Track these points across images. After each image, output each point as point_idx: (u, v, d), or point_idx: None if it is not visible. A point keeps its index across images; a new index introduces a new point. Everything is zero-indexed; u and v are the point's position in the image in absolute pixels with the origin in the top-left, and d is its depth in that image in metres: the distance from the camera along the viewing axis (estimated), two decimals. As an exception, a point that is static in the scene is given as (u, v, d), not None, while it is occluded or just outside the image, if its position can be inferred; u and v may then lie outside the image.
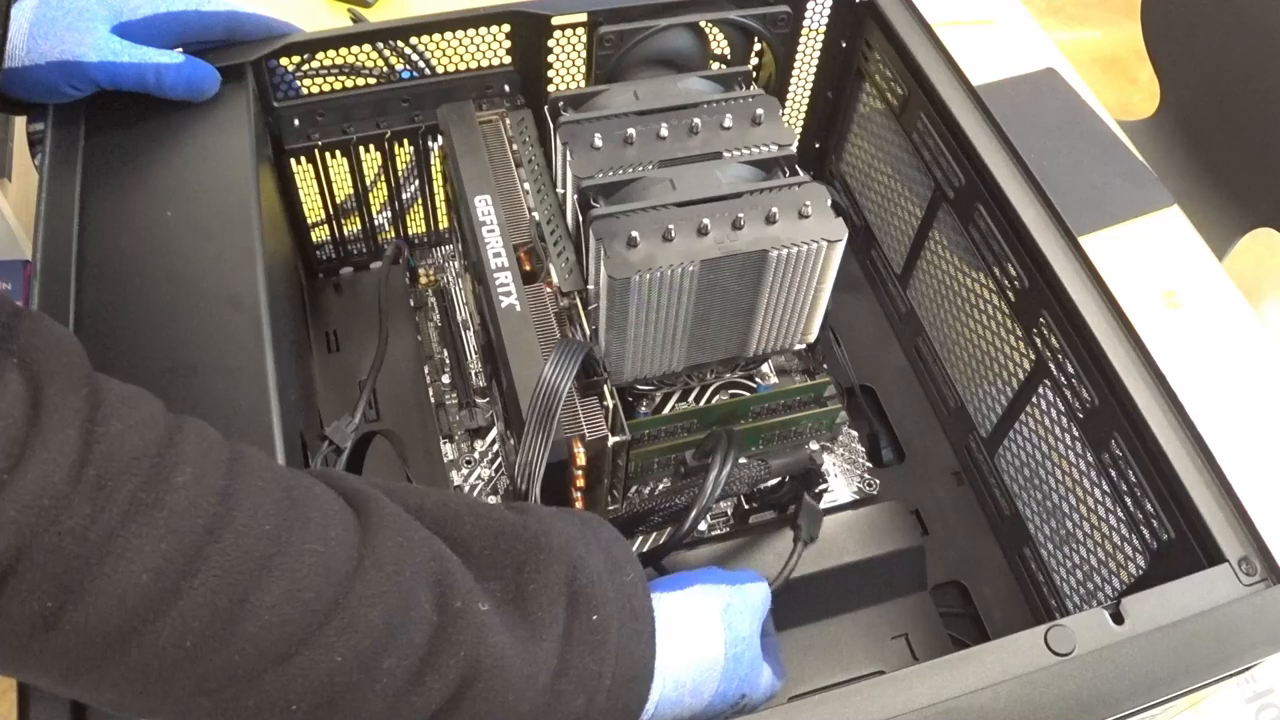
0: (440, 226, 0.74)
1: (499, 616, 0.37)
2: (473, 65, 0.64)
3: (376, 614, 0.34)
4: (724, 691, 0.43)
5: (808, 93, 0.74)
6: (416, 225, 0.74)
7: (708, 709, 0.43)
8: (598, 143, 0.54)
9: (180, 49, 0.55)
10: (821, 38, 0.70)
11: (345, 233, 0.73)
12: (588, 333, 0.55)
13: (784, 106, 0.73)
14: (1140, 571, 0.51)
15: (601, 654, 0.39)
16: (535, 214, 0.59)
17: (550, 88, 0.67)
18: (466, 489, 0.64)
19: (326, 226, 0.71)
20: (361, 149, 0.66)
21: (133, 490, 0.31)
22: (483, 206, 0.59)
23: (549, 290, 0.57)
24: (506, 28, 0.63)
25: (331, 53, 0.61)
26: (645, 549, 0.55)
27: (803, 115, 0.76)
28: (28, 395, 0.31)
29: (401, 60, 0.70)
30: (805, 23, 0.67)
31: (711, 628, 0.44)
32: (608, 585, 0.40)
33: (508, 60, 0.64)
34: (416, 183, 0.71)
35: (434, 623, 0.35)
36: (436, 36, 0.62)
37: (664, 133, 0.54)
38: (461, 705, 0.36)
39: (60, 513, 0.29)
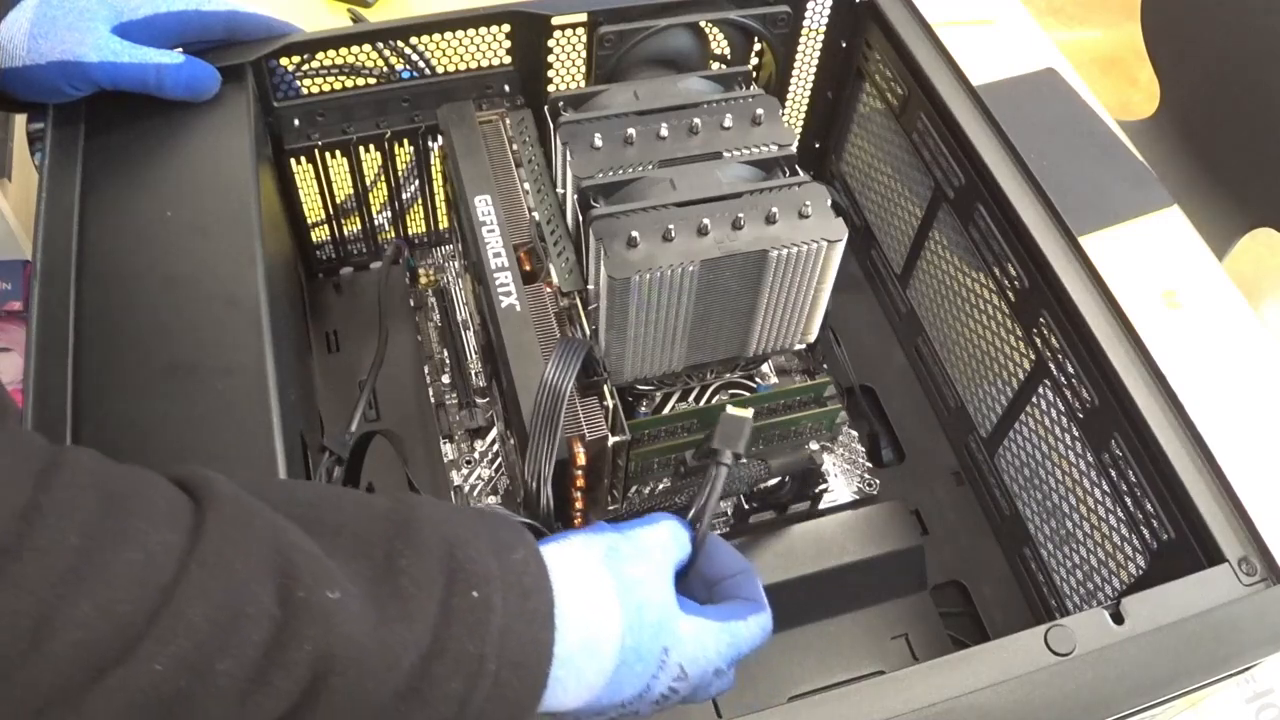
0: (440, 226, 0.74)
1: (360, 599, 0.34)
2: (473, 65, 0.64)
3: (200, 616, 0.32)
4: (634, 647, 0.40)
5: (808, 93, 0.74)
6: (416, 225, 0.74)
7: (619, 668, 0.40)
8: (598, 143, 0.54)
9: (180, 49, 0.55)
10: (821, 38, 0.70)
11: (345, 233, 0.73)
12: (588, 333, 0.55)
13: (784, 106, 0.73)
14: (1140, 571, 0.51)
15: (482, 634, 0.36)
16: (535, 214, 0.59)
17: (550, 88, 0.67)
18: (466, 489, 0.64)
19: (326, 226, 0.71)
20: (361, 149, 0.66)
21: None
22: (483, 206, 0.59)
23: (549, 290, 0.57)
24: (506, 28, 0.63)
25: (331, 53, 0.61)
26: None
27: (803, 115, 0.76)
28: None
29: (401, 60, 0.70)
30: (805, 23, 0.67)
31: (593, 573, 0.40)
32: (492, 563, 0.37)
33: (508, 60, 0.64)
34: (416, 183, 0.71)
35: (275, 617, 0.33)
36: (436, 36, 0.62)
37: (664, 133, 0.54)
38: (318, 700, 0.34)
39: None
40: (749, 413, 0.51)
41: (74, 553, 0.31)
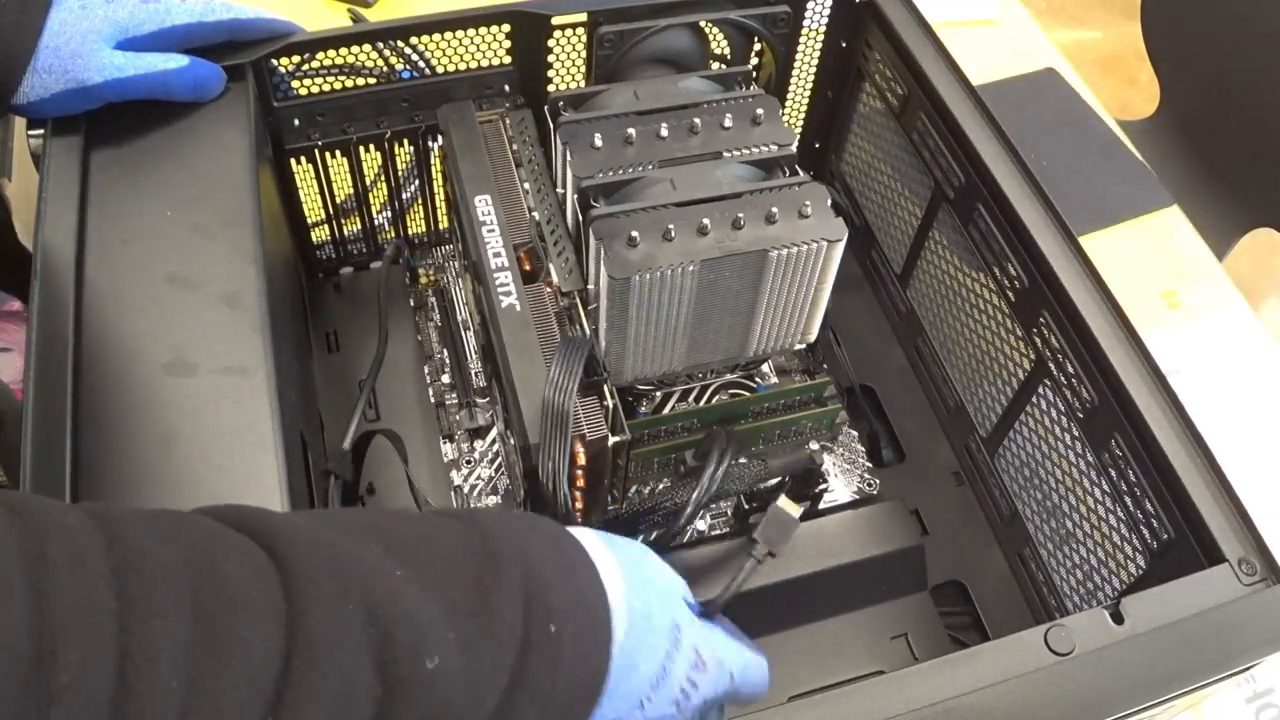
0: (440, 226, 0.74)
1: (458, 652, 0.34)
2: (473, 65, 0.64)
3: (313, 716, 0.31)
4: (642, 610, 0.40)
5: (808, 93, 0.74)
6: (416, 225, 0.74)
7: (630, 632, 0.39)
8: (598, 143, 0.54)
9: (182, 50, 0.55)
10: (821, 38, 0.70)
11: (345, 233, 0.73)
12: (588, 332, 0.55)
13: (784, 106, 0.73)
14: (1140, 571, 0.51)
15: (556, 665, 0.36)
16: (535, 214, 0.59)
17: (550, 88, 0.67)
18: (466, 489, 0.64)
19: (326, 226, 0.71)
20: (361, 149, 0.66)
21: None
22: (483, 206, 0.59)
23: (549, 290, 0.57)
24: (506, 28, 0.63)
25: (331, 53, 0.61)
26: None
27: (803, 115, 0.76)
28: None
29: (401, 60, 0.70)
30: (805, 23, 0.67)
31: (590, 540, 0.41)
32: (564, 591, 0.38)
33: (508, 60, 0.64)
34: (416, 183, 0.71)
35: (377, 697, 0.32)
36: (436, 36, 0.62)
37: (664, 133, 0.54)
38: None
39: None
40: (798, 511, 0.51)
41: (179, 698, 0.28)
